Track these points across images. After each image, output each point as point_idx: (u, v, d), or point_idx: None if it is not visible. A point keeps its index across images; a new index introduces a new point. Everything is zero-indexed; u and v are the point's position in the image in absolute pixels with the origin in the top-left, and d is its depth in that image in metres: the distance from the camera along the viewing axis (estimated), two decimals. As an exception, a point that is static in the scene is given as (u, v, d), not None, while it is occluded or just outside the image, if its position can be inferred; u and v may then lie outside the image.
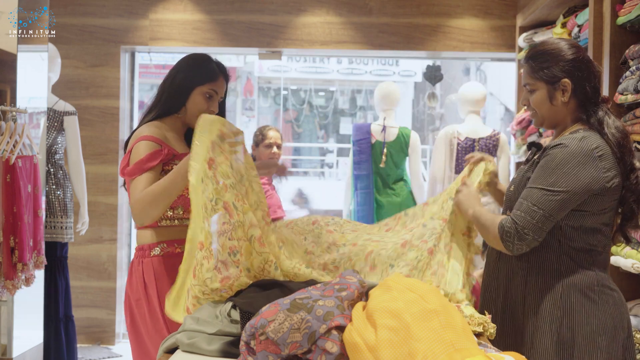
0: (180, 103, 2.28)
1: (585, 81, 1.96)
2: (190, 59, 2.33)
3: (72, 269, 4.65)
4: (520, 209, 1.89)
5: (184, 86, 2.26)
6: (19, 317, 3.56)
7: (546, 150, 1.94)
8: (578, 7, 3.89)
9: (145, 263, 2.19)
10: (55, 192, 3.91)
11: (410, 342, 1.28)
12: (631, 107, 3.14)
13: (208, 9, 5.11)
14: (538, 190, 1.89)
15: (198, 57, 2.33)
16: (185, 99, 2.27)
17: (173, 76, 2.29)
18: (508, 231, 1.89)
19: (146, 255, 2.20)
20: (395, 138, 4.74)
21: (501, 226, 1.90)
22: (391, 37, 5.12)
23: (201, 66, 2.29)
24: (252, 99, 11.80)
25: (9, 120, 3.35)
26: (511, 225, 1.88)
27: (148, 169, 2.12)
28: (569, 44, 1.99)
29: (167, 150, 2.18)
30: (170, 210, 2.21)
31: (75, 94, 5.00)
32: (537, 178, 1.91)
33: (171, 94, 2.28)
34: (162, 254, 2.20)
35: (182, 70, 2.28)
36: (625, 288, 3.19)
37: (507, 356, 1.30)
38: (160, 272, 2.17)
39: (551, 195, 1.87)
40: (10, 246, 3.23)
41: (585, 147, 1.88)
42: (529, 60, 2.02)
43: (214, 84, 2.28)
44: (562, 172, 1.87)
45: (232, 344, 1.57)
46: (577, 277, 1.94)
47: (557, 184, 1.87)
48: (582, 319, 1.92)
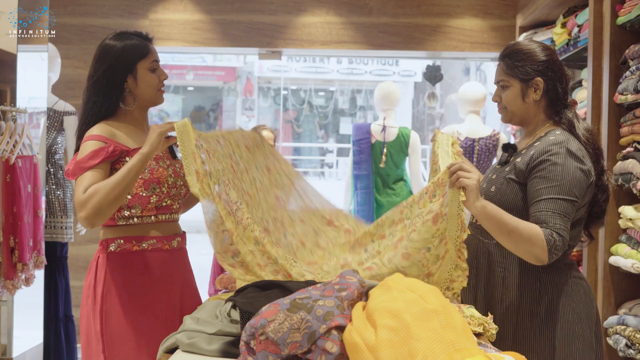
0: (118, 96, 2.14)
1: (557, 82, 2.05)
2: (110, 45, 2.14)
3: (72, 269, 4.64)
4: (556, 221, 1.89)
5: (119, 77, 2.12)
6: (19, 317, 3.56)
7: (541, 159, 1.95)
8: (578, 7, 3.89)
9: (101, 258, 2.12)
10: (55, 192, 3.91)
11: (410, 342, 1.28)
12: (631, 107, 3.14)
13: (208, 9, 5.11)
14: (563, 201, 1.90)
15: (119, 39, 2.15)
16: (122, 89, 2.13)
17: (97, 71, 2.14)
18: (558, 245, 1.87)
19: (104, 250, 2.12)
20: (395, 138, 4.74)
21: (550, 240, 1.86)
22: (391, 37, 5.12)
23: (126, 47, 2.13)
24: (252, 99, 11.80)
25: (9, 120, 3.35)
26: (560, 239, 1.87)
27: (89, 168, 2.00)
28: (543, 47, 2.08)
29: (112, 147, 2.06)
30: (127, 210, 2.11)
31: (75, 94, 5.00)
32: (551, 187, 1.91)
33: (104, 91, 2.13)
34: (118, 250, 2.11)
35: (106, 63, 2.12)
36: (625, 288, 3.20)
37: (507, 356, 1.30)
38: (113, 270, 2.09)
39: (572, 205, 1.91)
40: (10, 246, 3.23)
41: (574, 151, 1.94)
42: (505, 58, 2.09)
43: (150, 56, 2.16)
44: (570, 179, 1.91)
45: (232, 344, 1.57)
46: (553, 272, 2.01)
47: (572, 193, 1.91)
48: (560, 311, 1.99)
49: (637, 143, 3.01)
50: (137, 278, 2.10)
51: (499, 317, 2.03)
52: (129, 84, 2.15)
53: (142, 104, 2.19)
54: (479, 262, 2.12)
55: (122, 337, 2.07)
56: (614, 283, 3.20)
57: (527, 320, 2.01)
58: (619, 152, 3.15)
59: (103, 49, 2.16)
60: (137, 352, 2.07)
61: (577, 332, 1.99)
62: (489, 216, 1.89)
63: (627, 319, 2.99)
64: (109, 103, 2.14)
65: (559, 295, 2.00)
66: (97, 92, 2.14)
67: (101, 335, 2.06)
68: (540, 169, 1.94)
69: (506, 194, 2.02)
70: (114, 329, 2.06)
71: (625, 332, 2.95)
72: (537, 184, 1.94)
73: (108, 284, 2.09)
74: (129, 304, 2.08)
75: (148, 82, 2.16)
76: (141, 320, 2.09)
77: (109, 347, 2.06)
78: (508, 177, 2.03)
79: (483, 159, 4.66)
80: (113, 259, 2.10)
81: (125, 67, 2.13)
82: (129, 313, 2.08)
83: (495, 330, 1.82)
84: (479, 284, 2.11)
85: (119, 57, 2.12)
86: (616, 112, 3.21)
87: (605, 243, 3.19)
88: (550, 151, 1.94)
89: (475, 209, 1.90)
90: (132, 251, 2.11)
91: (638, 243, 2.97)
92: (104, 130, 2.09)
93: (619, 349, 2.97)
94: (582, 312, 2.01)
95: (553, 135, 2.00)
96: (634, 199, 3.13)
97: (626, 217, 3.04)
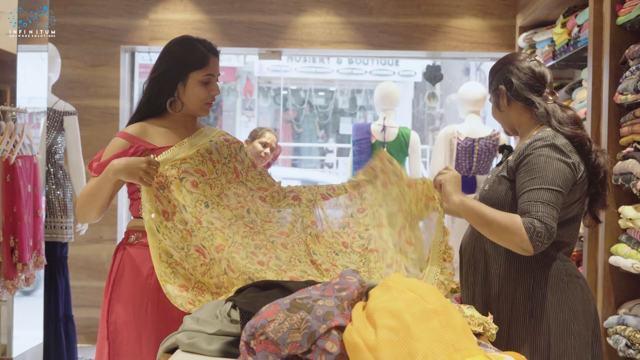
0: (167, 98, 2.15)
1: (516, 80, 2.11)
2: (172, 47, 2.16)
3: (72, 269, 4.64)
4: (539, 209, 1.89)
5: (171, 81, 2.13)
6: (19, 317, 3.56)
7: (526, 154, 2.00)
8: (578, 7, 3.89)
9: (120, 247, 2.17)
10: (55, 192, 3.91)
11: (410, 342, 1.28)
12: (631, 107, 3.14)
13: (208, 9, 5.11)
14: (545, 190, 1.92)
15: (180, 44, 2.16)
16: (172, 93, 2.14)
17: (157, 70, 2.15)
18: (539, 231, 1.87)
19: (124, 240, 2.18)
20: (395, 138, 4.74)
21: (530, 227, 1.87)
22: (391, 37, 5.12)
23: (186, 53, 2.14)
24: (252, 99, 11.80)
25: (9, 120, 3.35)
26: (541, 225, 1.87)
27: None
28: (505, 56, 2.20)
29: (135, 148, 2.09)
30: None
31: (75, 94, 5.00)
32: (534, 179, 1.94)
33: (158, 90, 2.15)
34: (135, 242, 2.15)
35: (165, 65, 2.14)
36: (625, 288, 3.20)
37: (507, 356, 1.31)
38: (126, 260, 2.13)
39: (555, 194, 1.92)
40: (10, 246, 3.23)
41: (559, 145, 1.98)
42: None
43: (206, 69, 2.15)
44: (552, 170, 1.94)
45: (232, 344, 1.57)
46: (547, 269, 2.03)
47: (554, 183, 1.93)
48: (555, 308, 2.01)
49: (637, 143, 3.01)
50: (145, 272, 2.12)
51: (495, 313, 2.05)
52: (178, 90, 2.15)
53: (186, 112, 2.20)
54: (476, 260, 2.15)
55: (125, 327, 2.10)
56: (614, 283, 3.20)
57: (520, 316, 2.04)
58: (619, 152, 3.15)
59: (166, 50, 2.18)
60: (138, 345, 2.09)
61: (574, 329, 2.01)
62: (467, 209, 1.98)
63: (627, 319, 2.99)
64: (158, 104, 2.17)
65: (554, 292, 2.02)
66: (151, 91, 2.17)
67: (107, 322, 2.11)
68: (524, 163, 1.99)
69: (497, 191, 2.07)
70: (119, 317, 2.10)
71: (625, 332, 2.95)
72: (521, 178, 1.98)
73: (120, 273, 2.13)
74: (135, 295, 2.11)
75: (195, 94, 2.15)
76: (146, 313, 2.10)
77: (112, 334, 2.10)
78: (500, 175, 2.09)
79: (483, 159, 4.66)
80: (129, 250, 2.14)
81: (178, 73, 2.14)
82: (134, 304, 2.10)
83: (495, 330, 1.82)
84: (477, 281, 2.14)
85: (175, 63, 2.13)
86: (616, 112, 3.21)
87: (605, 243, 3.19)
88: (534, 146, 1.99)
89: (453, 203, 2.00)
90: (146, 245, 2.11)
91: (638, 243, 2.97)
92: (135, 129, 2.14)
93: (619, 349, 2.97)
94: (579, 310, 2.02)
95: (542, 132, 2.05)
96: (634, 199, 3.13)
97: (626, 217, 3.04)
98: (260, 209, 2.18)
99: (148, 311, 2.10)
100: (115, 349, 2.10)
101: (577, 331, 2.01)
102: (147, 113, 2.18)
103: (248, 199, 2.17)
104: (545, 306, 2.01)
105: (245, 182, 2.20)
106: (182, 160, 2.05)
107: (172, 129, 2.18)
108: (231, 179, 2.16)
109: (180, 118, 2.20)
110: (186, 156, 2.07)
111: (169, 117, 2.19)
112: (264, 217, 2.17)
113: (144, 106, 2.18)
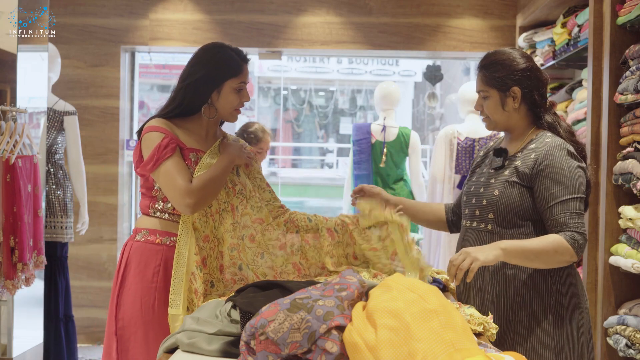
0: (201, 104, 2.19)
1: (533, 89, 2.13)
2: (207, 55, 2.20)
3: (72, 269, 4.64)
4: (575, 220, 2.01)
5: (206, 88, 2.17)
6: (19, 317, 3.56)
7: (547, 162, 2.05)
8: (578, 7, 3.89)
9: (128, 244, 2.20)
10: (55, 192, 3.91)
11: (410, 342, 1.28)
12: (631, 107, 3.14)
13: (208, 9, 5.11)
14: (575, 200, 2.03)
15: (215, 52, 2.20)
16: (207, 99, 2.18)
17: (192, 75, 2.18)
18: (581, 243, 2.00)
19: (133, 237, 2.21)
20: (395, 138, 4.74)
21: (574, 242, 1.98)
22: (391, 37, 5.12)
23: (222, 61, 2.17)
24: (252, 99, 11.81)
25: (9, 120, 3.35)
26: (580, 237, 2.00)
27: (167, 157, 2.09)
28: (520, 54, 2.16)
29: (169, 138, 2.13)
30: (162, 203, 2.16)
31: (75, 94, 5.00)
32: (563, 189, 2.02)
33: (192, 95, 2.18)
34: (142, 240, 2.17)
35: (199, 72, 2.17)
36: (625, 288, 3.20)
37: (507, 356, 1.31)
38: (133, 257, 2.16)
39: (582, 201, 2.05)
40: (10, 246, 3.23)
41: (572, 152, 2.07)
42: (483, 69, 2.17)
43: (240, 77, 2.19)
44: (576, 178, 2.04)
45: (232, 344, 1.57)
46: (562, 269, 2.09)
47: (580, 190, 2.04)
48: (568, 304, 2.08)
49: (637, 143, 3.01)
50: (152, 270, 2.14)
51: (514, 310, 2.09)
52: (212, 97, 2.19)
53: (218, 117, 2.24)
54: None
55: (133, 323, 2.12)
56: (614, 283, 3.20)
57: (540, 314, 2.07)
58: (619, 152, 3.15)
59: (200, 57, 2.20)
60: (145, 341, 2.12)
61: (579, 324, 2.10)
62: (510, 255, 1.97)
63: (627, 319, 2.99)
64: (190, 109, 2.20)
65: (568, 288, 2.09)
66: (183, 97, 2.18)
67: (115, 318, 2.14)
68: (547, 172, 2.04)
69: (512, 197, 2.09)
70: (126, 314, 2.13)
71: (625, 332, 2.95)
72: (547, 188, 2.03)
73: (127, 269, 2.16)
74: (142, 292, 2.13)
75: (229, 101, 2.20)
76: (152, 310, 2.13)
77: (121, 330, 2.13)
78: (511, 181, 2.10)
79: (483, 159, 4.65)
80: (136, 247, 2.17)
81: (214, 81, 2.17)
82: (142, 301, 2.13)
83: (495, 330, 1.82)
84: (486, 284, 2.13)
85: (211, 71, 2.17)
86: (616, 112, 3.21)
87: (605, 243, 3.19)
88: (553, 155, 2.05)
89: (495, 260, 1.94)
90: (153, 243, 2.16)
91: (638, 243, 2.97)
92: (163, 123, 2.16)
93: (619, 349, 2.97)
94: (582, 304, 2.12)
95: (548, 138, 2.10)
96: (634, 199, 3.13)
97: (626, 217, 3.04)
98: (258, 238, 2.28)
99: (155, 308, 2.12)
100: (123, 345, 2.13)
101: (580, 325, 2.11)
102: (173, 115, 2.21)
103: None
104: (560, 301, 2.08)
105: (241, 218, 2.24)
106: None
107: (194, 132, 2.22)
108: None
109: (204, 122, 2.24)
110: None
111: (193, 119, 2.23)
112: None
113: (173, 110, 2.20)
